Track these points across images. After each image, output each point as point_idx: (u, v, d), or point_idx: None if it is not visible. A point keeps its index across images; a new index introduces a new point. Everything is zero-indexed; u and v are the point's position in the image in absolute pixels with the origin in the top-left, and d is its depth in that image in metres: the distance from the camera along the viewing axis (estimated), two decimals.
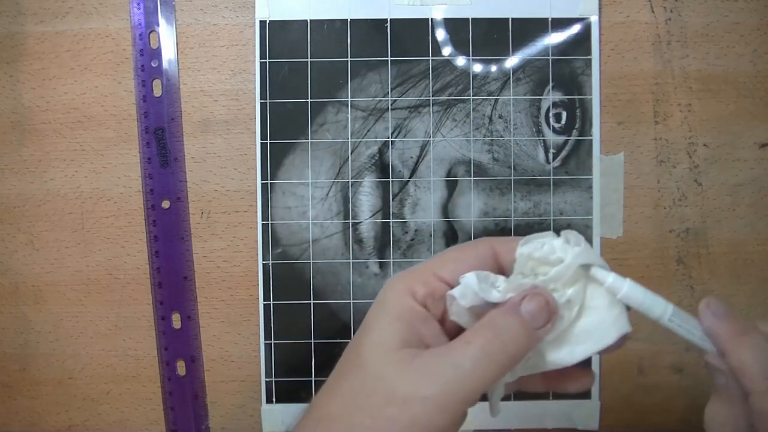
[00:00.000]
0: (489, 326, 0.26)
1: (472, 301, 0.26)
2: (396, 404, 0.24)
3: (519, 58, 0.46)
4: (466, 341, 0.25)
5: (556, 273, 0.26)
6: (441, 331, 0.28)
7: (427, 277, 0.28)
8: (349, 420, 0.25)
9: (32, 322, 0.47)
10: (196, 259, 0.47)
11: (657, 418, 0.48)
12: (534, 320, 0.26)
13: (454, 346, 0.26)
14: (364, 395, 0.25)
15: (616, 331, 0.27)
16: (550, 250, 0.27)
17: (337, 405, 0.26)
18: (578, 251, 0.26)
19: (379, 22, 0.46)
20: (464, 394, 0.24)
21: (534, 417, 0.47)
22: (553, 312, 0.26)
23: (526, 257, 0.27)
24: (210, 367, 0.48)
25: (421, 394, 0.24)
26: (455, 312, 0.27)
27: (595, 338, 0.27)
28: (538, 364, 0.27)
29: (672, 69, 0.47)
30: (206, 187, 0.47)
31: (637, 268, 0.47)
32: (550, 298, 0.26)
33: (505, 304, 0.26)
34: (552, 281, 0.27)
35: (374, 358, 0.26)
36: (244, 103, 0.47)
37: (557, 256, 0.27)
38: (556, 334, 0.27)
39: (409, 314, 0.27)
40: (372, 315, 0.28)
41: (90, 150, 0.47)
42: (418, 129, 0.47)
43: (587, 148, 0.47)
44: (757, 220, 0.47)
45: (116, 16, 0.47)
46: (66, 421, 0.48)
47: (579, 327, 0.27)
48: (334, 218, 0.47)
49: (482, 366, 0.25)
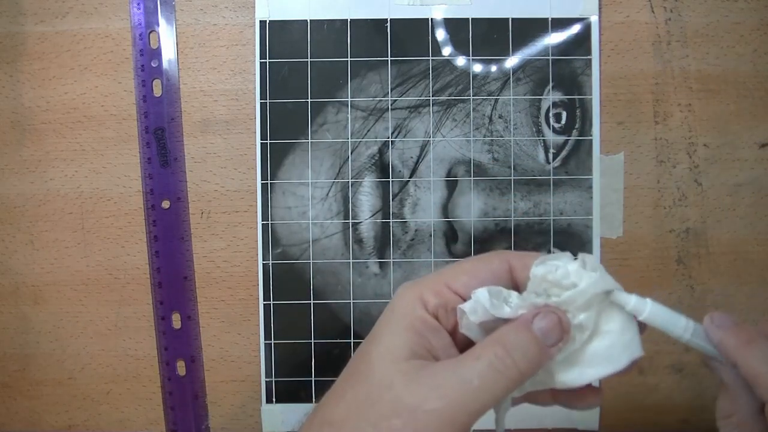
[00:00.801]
0: (500, 342, 0.25)
1: (483, 316, 0.26)
2: (401, 415, 0.24)
3: (519, 58, 0.46)
4: (475, 356, 0.25)
5: (569, 297, 0.26)
6: (451, 344, 0.27)
7: (440, 288, 0.27)
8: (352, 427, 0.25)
9: (32, 322, 0.47)
10: (196, 259, 0.47)
11: (657, 418, 0.48)
12: (546, 337, 0.26)
13: (464, 360, 0.25)
14: (369, 404, 0.25)
15: (628, 355, 0.26)
16: (564, 274, 0.26)
17: (342, 411, 0.26)
18: (594, 278, 0.26)
19: (379, 22, 0.46)
20: (471, 410, 0.24)
21: (534, 417, 0.47)
22: (566, 331, 0.26)
23: (540, 278, 0.27)
24: (210, 367, 0.48)
25: (427, 407, 0.24)
26: (465, 326, 0.27)
27: (606, 361, 0.26)
28: (547, 382, 0.27)
29: (672, 69, 0.47)
30: (206, 187, 0.47)
31: (637, 268, 0.47)
32: (563, 316, 0.26)
33: (517, 320, 0.26)
34: (564, 304, 0.26)
35: (382, 367, 0.26)
36: (244, 103, 0.47)
37: (571, 281, 0.26)
38: (566, 354, 0.26)
39: (419, 324, 0.26)
40: (382, 323, 0.27)
41: (90, 150, 0.47)
42: (418, 129, 0.47)
43: (587, 148, 0.47)
44: (757, 220, 0.47)
45: (116, 16, 0.47)
46: (66, 421, 0.48)
47: (590, 349, 0.27)
48: (334, 218, 0.47)
49: (491, 382, 0.24)
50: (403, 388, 0.25)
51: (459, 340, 0.28)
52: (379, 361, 0.26)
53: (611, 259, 0.47)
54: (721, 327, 0.27)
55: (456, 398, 0.24)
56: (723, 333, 0.26)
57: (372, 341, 0.27)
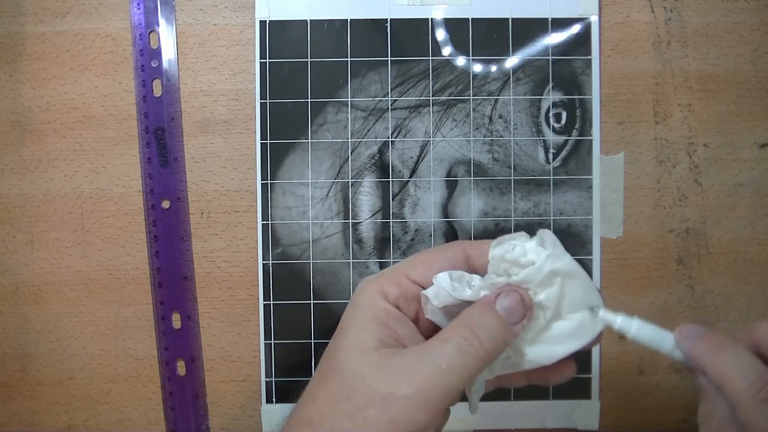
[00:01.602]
0: (465, 324, 0.26)
1: (445, 300, 0.27)
2: (376, 404, 0.25)
3: (519, 58, 0.46)
4: (443, 339, 0.26)
5: (528, 274, 0.27)
6: (416, 331, 0.28)
7: (399, 279, 0.28)
8: (330, 423, 0.25)
9: (32, 322, 0.47)
10: (196, 259, 0.47)
11: (657, 418, 0.48)
12: (510, 316, 0.26)
13: (432, 344, 0.26)
14: (343, 397, 0.25)
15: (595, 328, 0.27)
16: (521, 253, 0.27)
17: (318, 408, 0.26)
18: (548, 254, 0.27)
19: (379, 22, 0.46)
20: (443, 392, 0.25)
21: (534, 417, 0.47)
22: (528, 308, 0.27)
23: (499, 259, 0.27)
24: (210, 367, 0.48)
25: (400, 393, 0.24)
26: (430, 311, 0.28)
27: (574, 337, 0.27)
28: (518, 363, 0.28)
29: (672, 69, 0.47)
30: (206, 187, 0.47)
31: (637, 268, 0.47)
32: (525, 294, 0.27)
33: (481, 301, 0.27)
34: (525, 282, 0.27)
35: (352, 360, 0.26)
36: (244, 103, 0.47)
37: (529, 258, 0.27)
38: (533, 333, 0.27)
39: (383, 315, 0.27)
40: (346, 319, 0.28)
41: (90, 150, 0.47)
42: (418, 129, 0.47)
43: (587, 148, 0.47)
44: (757, 220, 0.47)
45: (116, 16, 0.47)
46: (66, 421, 0.48)
47: (558, 327, 0.27)
48: (334, 218, 0.47)
49: (460, 363, 0.25)
50: (375, 377, 0.25)
51: (423, 328, 0.28)
52: (348, 355, 0.26)
53: (611, 259, 0.47)
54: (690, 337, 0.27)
55: (427, 382, 0.25)
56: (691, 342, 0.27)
57: (339, 338, 0.27)
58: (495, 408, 0.46)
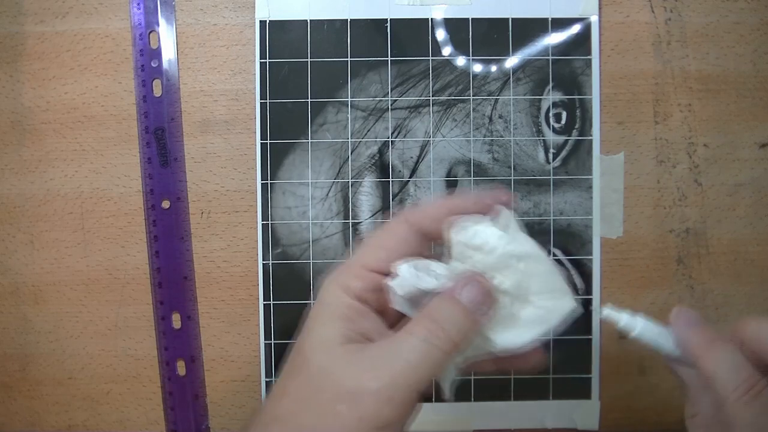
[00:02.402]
0: (430, 316, 0.26)
1: (410, 291, 0.27)
2: (343, 400, 0.25)
3: (519, 58, 0.46)
4: (409, 332, 0.26)
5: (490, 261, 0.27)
6: (382, 324, 0.28)
7: (359, 271, 0.28)
8: (298, 419, 0.25)
9: (32, 322, 0.47)
10: (196, 259, 0.47)
11: (657, 418, 0.48)
12: (473, 306, 0.26)
13: (398, 338, 0.26)
14: (311, 393, 0.25)
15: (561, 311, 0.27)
16: (483, 239, 0.27)
17: (287, 405, 0.26)
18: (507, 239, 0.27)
19: (379, 22, 0.46)
20: (411, 385, 0.25)
21: (534, 417, 0.47)
22: (491, 296, 0.27)
23: (462, 245, 0.27)
24: (210, 367, 0.48)
25: (367, 388, 0.25)
26: (396, 302, 0.28)
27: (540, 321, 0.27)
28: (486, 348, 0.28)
29: (672, 69, 0.47)
30: (206, 187, 0.47)
31: (637, 268, 0.47)
32: (486, 282, 0.27)
33: (445, 292, 0.27)
34: (487, 269, 0.27)
35: (319, 356, 0.26)
36: (244, 103, 0.47)
37: (491, 245, 0.27)
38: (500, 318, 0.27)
39: (347, 311, 0.27)
40: (312, 317, 0.28)
41: (90, 150, 0.47)
42: (418, 129, 0.47)
43: (587, 148, 0.47)
44: (757, 220, 0.47)
45: (116, 16, 0.47)
46: (66, 421, 0.48)
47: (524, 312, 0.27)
48: (334, 218, 0.47)
49: (426, 355, 0.25)
50: (342, 373, 0.25)
51: (390, 317, 0.28)
52: (315, 352, 0.26)
53: (611, 259, 0.47)
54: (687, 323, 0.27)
55: (395, 376, 0.25)
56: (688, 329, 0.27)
57: (305, 334, 0.28)
58: (495, 408, 0.46)
